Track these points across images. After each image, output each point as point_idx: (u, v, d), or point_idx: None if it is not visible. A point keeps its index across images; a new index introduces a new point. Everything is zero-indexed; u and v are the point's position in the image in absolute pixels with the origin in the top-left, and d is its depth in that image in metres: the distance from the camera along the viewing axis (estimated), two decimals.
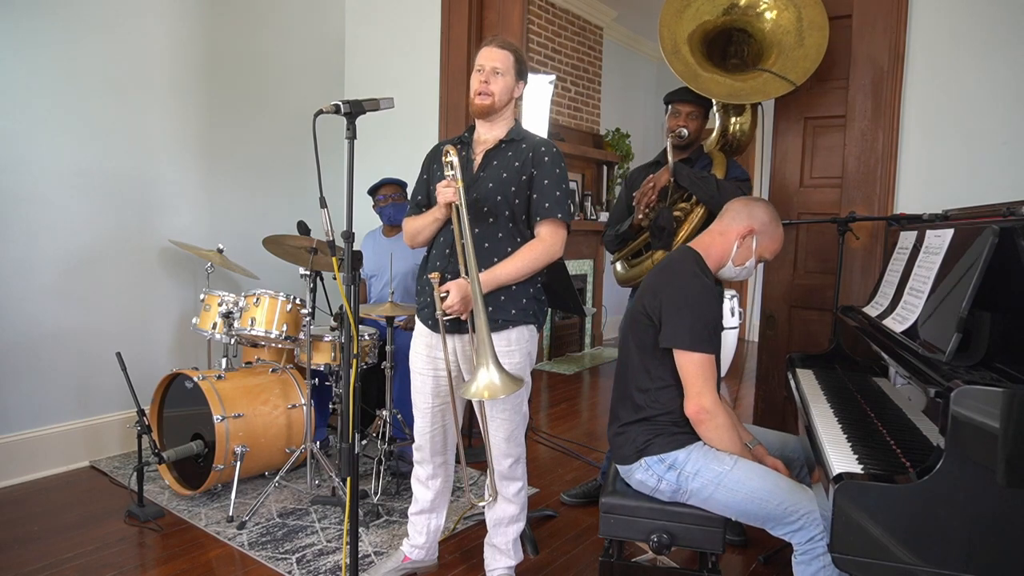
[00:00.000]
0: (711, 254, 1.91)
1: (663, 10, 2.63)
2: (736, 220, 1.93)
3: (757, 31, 2.62)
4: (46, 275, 3.02)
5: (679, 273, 1.85)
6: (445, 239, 2.09)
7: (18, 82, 2.89)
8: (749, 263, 1.93)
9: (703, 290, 1.80)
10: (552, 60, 5.80)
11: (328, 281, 3.19)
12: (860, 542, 1.28)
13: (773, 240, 1.94)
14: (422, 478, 2.26)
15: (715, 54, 2.71)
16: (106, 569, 2.28)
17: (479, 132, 2.15)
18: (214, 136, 3.62)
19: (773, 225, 1.93)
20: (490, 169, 2.08)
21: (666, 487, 1.79)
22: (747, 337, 6.66)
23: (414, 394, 2.20)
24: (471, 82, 2.09)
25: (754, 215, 1.92)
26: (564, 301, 2.69)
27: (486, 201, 2.04)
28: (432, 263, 2.12)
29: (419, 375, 2.17)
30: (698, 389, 1.76)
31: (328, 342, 3.00)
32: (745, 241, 1.91)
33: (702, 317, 1.77)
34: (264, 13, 3.81)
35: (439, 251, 2.11)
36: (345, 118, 1.63)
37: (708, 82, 2.56)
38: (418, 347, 2.17)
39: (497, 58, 2.04)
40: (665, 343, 1.79)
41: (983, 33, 2.42)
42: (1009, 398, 1.17)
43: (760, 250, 1.93)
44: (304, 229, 2.90)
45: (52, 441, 3.07)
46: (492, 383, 1.80)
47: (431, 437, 2.20)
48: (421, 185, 2.22)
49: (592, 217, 6.13)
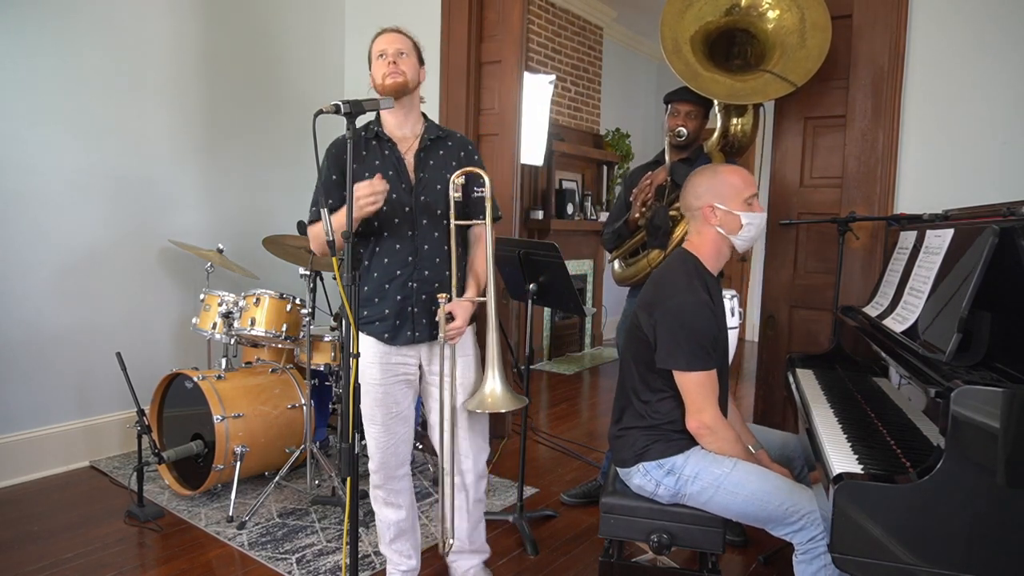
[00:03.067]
0: (705, 251, 1.85)
1: (665, 10, 2.61)
2: (694, 207, 1.84)
3: (760, 31, 2.61)
4: (46, 275, 3.03)
5: (672, 289, 1.79)
6: (402, 246, 1.97)
7: (18, 82, 2.89)
8: (745, 220, 1.80)
9: (696, 307, 1.74)
10: (552, 60, 5.80)
11: (328, 281, 3.19)
12: (860, 542, 1.28)
13: (732, 186, 1.80)
14: (390, 500, 2.09)
15: (718, 55, 2.71)
16: (106, 569, 2.28)
17: (390, 127, 2.00)
18: (214, 136, 3.62)
19: (717, 179, 1.82)
20: (430, 169, 2.00)
21: (664, 491, 1.78)
22: (747, 337, 6.67)
23: (368, 408, 2.00)
24: (373, 71, 1.97)
25: (699, 195, 1.83)
26: (564, 301, 2.68)
27: (437, 204, 1.99)
28: (387, 271, 1.97)
29: (376, 386, 1.99)
30: (699, 406, 1.74)
31: (328, 342, 3.00)
32: (717, 216, 1.81)
33: (696, 336, 1.72)
34: (264, 13, 3.81)
35: (395, 258, 1.97)
36: (345, 118, 1.63)
37: (708, 82, 2.55)
38: (369, 358, 1.98)
39: (397, 40, 1.98)
40: (661, 364, 1.76)
41: (983, 33, 2.43)
42: (1009, 398, 1.17)
43: (735, 204, 1.80)
44: (304, 229, 2.89)
45: (52, 441, 3.07)
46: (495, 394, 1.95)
47: (395, 451, 2.04)
48: (333, 187, 1.97)
49: (592, 217, 6.13)
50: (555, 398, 4.78)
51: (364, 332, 1.98)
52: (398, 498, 2.09)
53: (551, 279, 2.60)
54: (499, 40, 3.58)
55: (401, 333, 1.98)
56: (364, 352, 1.98)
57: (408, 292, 1.98)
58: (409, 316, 1.98)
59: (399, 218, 1.97)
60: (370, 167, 1.95)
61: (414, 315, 1.99)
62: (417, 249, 1.98)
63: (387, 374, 1.99)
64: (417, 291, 1.98)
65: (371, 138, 2.00)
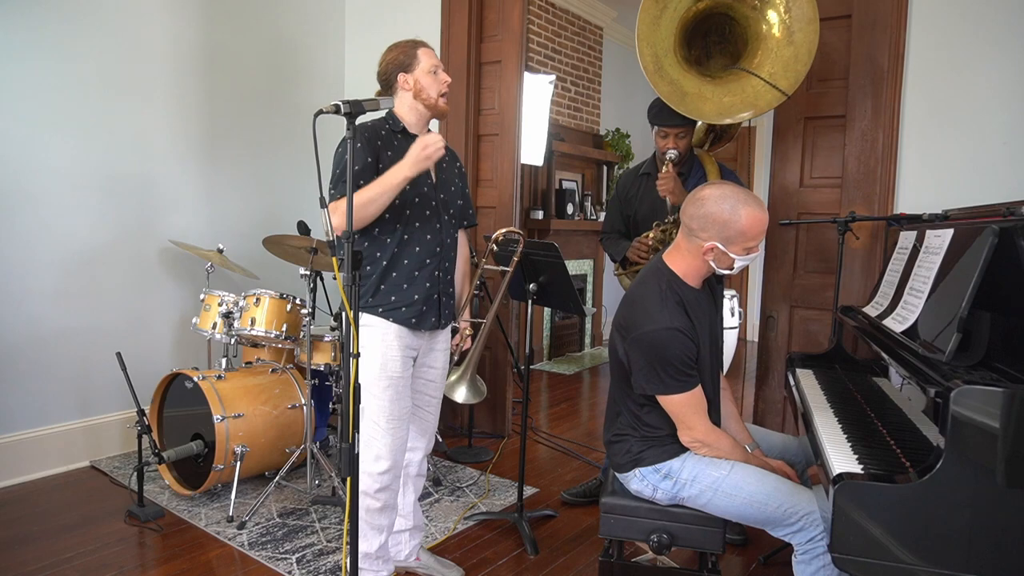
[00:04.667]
0: (688, 272, 1.78)
1: (638, 24, 2.41)
2: (696, 237, 1.73)
3: (741, 16, 2.47)
4: (46, 275, 3.03)
5: (643, 316, 1.73)
6: (432, 237, 2.07)
7: (18, 82, 2.89)
8: (739, 262, 1.73)
9: (667, 335, 1.67)
10: (552, 60, 5.80)
11: (328, 281, 3.19)
12: (860, 542, 1.28)
13: (743, 234, 1.68)
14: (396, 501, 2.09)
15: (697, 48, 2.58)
16: (106, 569, 2.28)
17: (412, 127, 2.08)
18: (214, 136, 3.62)
19: (733, 222, 1.67)
20: (444, 172, 2.16)
21: (663, 495, 1.78)
22: (747, 337, 6.66)
23: (388, 404, 2.00)
24: (426, 82, 2.02)
25: (707, 228, 1.69)
26: (564, 301, 2.68)
27: (452, 204, 2.16)
28: (418, 259, 2.04)
29: (398, 379, 2.02)
30: (688, 424, 1.74)
31: (328, 342, 3.00)
32: (715, 253, 1.72)
33: (671, 363, 1.67)
34: (264, 13, 3.81)
35: (426, 247, 2.06)
36: (345, 118, 1.63)
37: (696, 100, 2.43)
38: (394, 351, 2.01)
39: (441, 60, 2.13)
40: (639, 391, 1.74)
41: (983, 33, 2.43)
42: (1009, 398, 1.17)
43: (737, 249, 1.70)
44: (304, 229, 2.89)
45: (52, 441, 3.07)
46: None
47: (402, 445, 2.06)
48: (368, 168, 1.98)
49: (592, 217, 6.13)
50: (555, 398, 4.78)
51: (389, 319, 2.02)
52: (404, 495, 2.19)
53: (551, 279, 2.60)
54: (499, 40, 3.58)
55: (426, 319, 2.08)
56: (388, 347, 2.01)
57: (435, 280, 2.09)
58: (435, 303, 2.10)
59: (430, 210, 2.08)
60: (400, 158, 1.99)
61: (440, 303, 2.11)
62: (443, 241, 2.11)
63: (406, 367, 2.06)
64: (442, 280, 2.11)
65: (397, 132, 2.07)
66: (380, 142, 2.02)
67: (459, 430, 3.75)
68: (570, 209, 5.85)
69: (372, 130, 2.04)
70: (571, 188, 5.96)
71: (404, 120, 2.08)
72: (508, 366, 3.67)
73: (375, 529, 2.05)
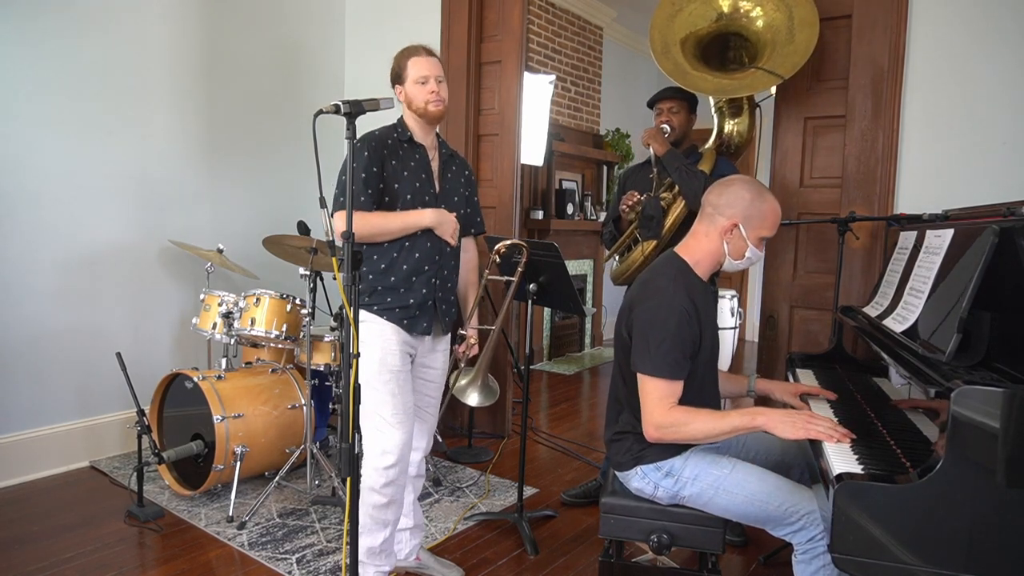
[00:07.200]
0: (701, 259, 1.81)
1: (655, 14, 2.65)
2: (715, 217, 1.78)
3: (752, 34, 2.62)
4: (46, 275, 3.02)
5: (653, 291, 1.75)
6: (432, 244, 2.11)
7: (19, 82, 2.89)
8: (749, 252, 1.78)
9: (671, 311, 1.68)
10: (552, 60, 5.80)
11: (328, 281, 3.19)
12: (860, 542, 1.27)
13: (764, 219, 1.75)
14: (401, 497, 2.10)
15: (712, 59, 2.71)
16: (106, 569, 2.28)
17: (417, 135, 2.13)
18: (214, 136, 3.62)
19: (757, 204, 1.74)
20: (448, 181, 2.20)
21: (663, 493, 1.78)
22: (747, 337, 6.66)
23: (392, 399, 2.02)
24: (412, 92, 2.08)
25: (733, 204, 1.75)
26: (564, 301, 2.69)
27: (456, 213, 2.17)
28: (416, 265, 2.09)
29: (398, 372, 2.05)
30: (648, 411, 1.68)
31: (328, 342, 3.00)
32: (733, 235, 1.76)
33: (666, 341, 1.67)
34: (264, 13, 3.81)
35: (425, 254, 2.10)
36: (345, 118, 1.63)
37: (696, 79, 2.58)
38: (392, 344, 2.06)
39: (437, 67, 2.10)
40: (631, 367, 1.74)
41: (983, 33, 2.43)
42: (1009, 398, 1.17)
43: (753, 236, 1.76)
44: (304, 229, 2.89)
45: (52, 441, 3.07)
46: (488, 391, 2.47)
47: (409, 440, 2.07)
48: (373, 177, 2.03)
49: (592, 217, 6.14)
50: (555, 398, 4.78)
51: (384, 317, 2.06)
52: (407, 492, 2.19)
53: (551, 279, 2.60)
54: (499, 40, 3.58)
55: (418, 324, 2.10)
56: (386, 341, 2.05)
57: (432, 287, 2.12)
58: (429, 310, 2.12)
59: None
60: (407, 167, 2.09)
61: (434, 310, 2.13)
62: (442, 250, 2.13)
63: (405, 362, 2.09)
64: (439, 287, 2.14)
65: (404, 141, 2.11)
66: (386, 151, 2.07)
67: (459, 430, 3.75)
68: (570, 209, 5.85)
69: (380, 139, 2.08)
70: (571, 188, 5.96)
71: (410, 128, 2.13)
72: (508, 366, 3.67)
73: (380, 524, 2.05)
